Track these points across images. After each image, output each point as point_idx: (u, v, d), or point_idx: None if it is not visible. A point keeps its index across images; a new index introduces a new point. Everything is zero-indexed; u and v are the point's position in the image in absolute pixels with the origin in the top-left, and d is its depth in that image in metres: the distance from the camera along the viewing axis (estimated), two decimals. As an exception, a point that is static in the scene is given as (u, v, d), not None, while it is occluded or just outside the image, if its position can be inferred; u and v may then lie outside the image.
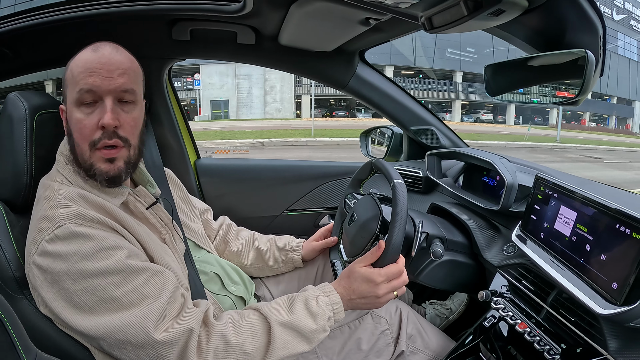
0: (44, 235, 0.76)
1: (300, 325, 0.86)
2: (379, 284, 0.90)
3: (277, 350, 0.83)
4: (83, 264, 0.74)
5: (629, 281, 0.69)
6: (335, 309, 0.90)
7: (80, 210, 0.78)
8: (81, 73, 0.80)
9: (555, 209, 0.92)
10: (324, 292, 0.92)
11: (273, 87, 26.37)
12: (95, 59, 0.81)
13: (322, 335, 0.89)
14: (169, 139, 1.66)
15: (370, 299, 0.91)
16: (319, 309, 0.88)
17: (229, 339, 0.80)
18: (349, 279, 0.93)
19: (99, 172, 0.83)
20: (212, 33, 1.38)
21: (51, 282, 0.75)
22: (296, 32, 1.29)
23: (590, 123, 36.11)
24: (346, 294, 0.92)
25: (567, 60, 0.79)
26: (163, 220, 0.97)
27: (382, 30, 1.22)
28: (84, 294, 0.74)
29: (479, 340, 1.01)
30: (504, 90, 1.04)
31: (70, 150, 0.85)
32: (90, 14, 1.14)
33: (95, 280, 0.74)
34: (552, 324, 0.87)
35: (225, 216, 1.41)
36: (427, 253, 1.10)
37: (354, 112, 29.82)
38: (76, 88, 0.80)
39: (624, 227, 0.72)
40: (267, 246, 1.29)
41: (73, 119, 0.82)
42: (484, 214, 1.26)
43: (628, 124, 36.18)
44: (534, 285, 0.96)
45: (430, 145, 1.68)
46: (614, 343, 0.73)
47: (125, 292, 0.76)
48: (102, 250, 0.76)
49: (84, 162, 0.83)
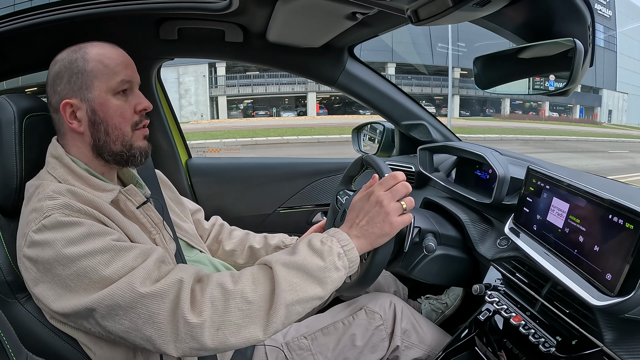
0: (32, 226, 0.75)
1: (305, 263, 0.78)
2: (380, 195, 0.85)
3: (284, 293, 0.74)
4: (71, 248, 0.73)
5: (622, 272, 0.68)
6: (344, 245, 0.82)
7: (68, 202, 0.78)
8: (119, 65, 0.88)
9: (548, 201, 0.91)
10: (327, 234, 0.85)
11: (187, 90, 25.75)
12: (122, 54, 0.90)
13: (334, 274, 0.79)
14: (159, 140, 1.64)
15: (379, 217, 0.84)
16: (324, 247, 0.81)
17: (226, 287, 0.75)
18: (350, 212, 0.88)
19: (139, 149, 0.92)
20: (200, 32, 1.37)
21: (44, 271, 0.74)
22: (283, 29, 1.27)
23: (551, 113, 34.69)
24: (352, 225, 0.86)
25: (559, 52, 0.78)
26: (153, 221, 0.96)
27: (369, 25, 1.21)
28: (76, 278, 0.73)
29: (474, 334, 1.01)
30: (495, 83, 1.03)
31: (98, 140, 0.88)
32: (77, 15, 1.12)
33: (85, 261, 0.73)
34: (547, 317, 0.87)
35: (217, 216, 1.39)
36: (420, 248, 1.10)
37: (278, 112, 28.64)
38: (116, 78, 0.87)
39: (617, 218, 0.72)
40: (260, 244, 1.28)
41: (112, 105, 0.87)
42: (477, 208, 1.25)
43: (595, 113, 35.28)
44: (528, 278, 0.96)
45: (422, 139, 1.67)
46: (609, 334, 0.73)
47: (115, 269, 0.74)
48: (90, 235, 0.75)
49: (125, 144, 0.90)
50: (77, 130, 0.87)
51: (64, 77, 0.86)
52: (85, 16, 1.12)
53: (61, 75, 0.86)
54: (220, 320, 0.72)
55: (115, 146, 0.89)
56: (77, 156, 0.88)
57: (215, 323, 0.72)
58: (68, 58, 0.86)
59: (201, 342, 0.72)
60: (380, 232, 0.84)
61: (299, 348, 1.08)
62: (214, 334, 0.72)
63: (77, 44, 0.88)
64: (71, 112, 0.86)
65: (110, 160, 0.90)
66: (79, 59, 0.86)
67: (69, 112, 0.86)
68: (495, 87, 1.04)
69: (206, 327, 0.72)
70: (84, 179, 0.86)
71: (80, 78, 0.85)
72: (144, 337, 0.73)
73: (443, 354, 1.03)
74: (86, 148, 0.88)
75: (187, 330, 0.71)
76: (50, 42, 1.18)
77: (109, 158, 0.89)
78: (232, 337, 0.73)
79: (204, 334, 0.71)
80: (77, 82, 0.85)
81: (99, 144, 0.88)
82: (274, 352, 1.08)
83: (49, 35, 1.17)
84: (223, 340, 0.73)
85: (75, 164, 0.87)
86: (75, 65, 0.85)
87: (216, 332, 0.72)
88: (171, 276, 0.75)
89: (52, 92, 0.87)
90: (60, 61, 0.87)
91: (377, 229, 0.84)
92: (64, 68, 0.86)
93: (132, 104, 0.90)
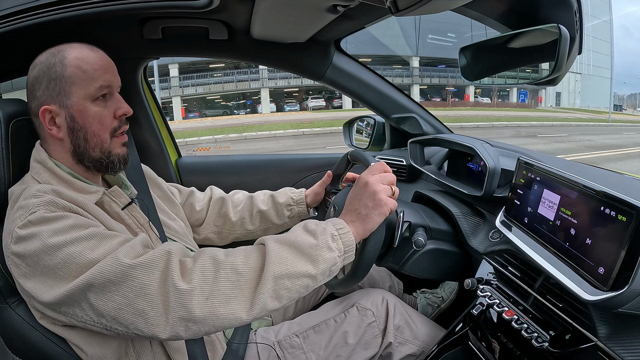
0: (17, 222, 0.75)
1: (297, 239, 0.79)
2: (369, 179, 0.87)
3: (273, 265, 0.75)
4: (56, 237, 0.73)
5: (615, 265, 0.67)
6: (339, 228, 0.82)
7: (52, 199, 0.77)
8: (97, 70, 0.86)
9: (539, 193, 0.89)
10: (323, 220, 0.87)
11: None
12: (101, 58, 0.88)
13: (326, 253, 0.79)
14: (148, 140, 1.62)
15: (371, 199, 0.85)
16: (318, 227, 0.81)
17: (218, 258, 0.75)
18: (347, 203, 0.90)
19: (118, 156, 0.91)
20: (184, 30, 1.35)
21: (32, 265, 0.74)
22: (266, 24, 1.25)
23: (482, 98, 30.73)
24: (346, 212, 0.88)
25: (548, 41, 0.76)
26: (139, 221, 0.95)
27: (353, 18, 1.19)
28: (64, 266, 0.72)
29: (467, 329, 1.00)
30: (484, 74, 1.02)
31: (78, 147, 0.87)
32: (57, 19, 1.09)
33: (70, 247, 0.72)
34: (540, 311, 0.86)
35: (212, 186, 1.36)
36: (411, 243, 1.08)
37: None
38: (94, 84, 0.85)
39: (609, 210, 0.70)
40: (267, 205, 1.27)
41: (90, 112, 0.86)
42: (468, 201, 1.24)
43: (540, 96, 32.35)
44: (521, 272, 0.94)
45: (413, 132, 1.65)
46: (603, 329, 0.71)
47: (102, 252, 0.73)
48: (74, 226, 0.75)
49: (104, 151, 0.88)
50: (57, 136, 0.86)
51: (42, 82, 0.84)
52: (67, 19, 1.09)
53: (40, 80, 0.85)
54: (209, 289, 0.72)
55: (94, 153, 0.88)
56: (60, 160, 0.87)
57: (204, 291, 0.72)
58: (46, 62, 0.85)
59: (190, 310, 0.71)
60: (374, 213, 0.86)
61: (291, 346, 1.07)
62: (202, 302, 0.71)
63: (56, 46, 0.87)
64: (50, 118, 0.85)
65: (90, 166, 0.89)
66: (57, 64, 0.84)
67: (48, 118, 0.85)
68: (484, 78, 1.03)
69: (195, 294, 0.71)
70: (68, 182, 0.85)
71: (58, 84, 0.84)
72: (136, 311, 0.71)
73: (437, 349, 1.02)
74: (66, 154, 0.87)
75: (177, 297, 0.71)
76: (30, 47, 1.15)
77: (88, 164, 0.88)
78: (221, 308, 0.72)
79: (193, 301, 0.71)
80: (56, 88, 0.84)
81: (79, 151, 0.87)
82: (266, 351, 1.07)
83: (29, 40, 1.14)
84: (212, 310, 0.72)
85: (59, 167, 0.86)
86: (54, 70, 0.84)
87: (205, 301, 0.71)
88: (159, 249, 0.75)
89: (32, 97, 0.86)
90: (38, 65, 0.86)
91: (371, 210, 0.86)
92: (42, 73, 0.85)
93: (112, 110, 0.89)
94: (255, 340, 1.09)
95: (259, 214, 1.26)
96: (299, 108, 27.51)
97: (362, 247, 0.95)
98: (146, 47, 1.39)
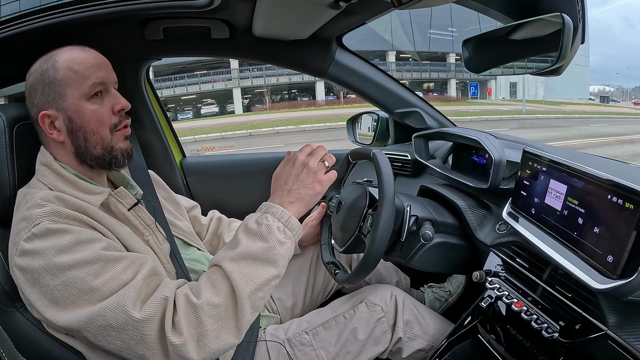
0: (22, 235, 0.76)
1: (248, 250, 0.81)
2: (304, 159, 0.93)
3: (242, 286, 0.78)
4: (60, 257, 0.74)
5: (624, 253, 0.66)
6: (281, 218, 0.85)
7: (56, 208, 0.78)
8: (88, 69, 0.86)
9: (545, 183, 0.89)
10: (260, 210, 0.88)
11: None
12: (93, 56, 0.88)
13: (281, 249, 0.83)
14: (152, 141, 1.63)
15: (309, 178, 0.91)
16: (260, 227, 0.83)
17: (193, 301, 0.77)
18: (276, 181, 0.94)
19: (121, 150, 0.90)
20: (185, 30, 1.36)
21: (32, 281, 0.75)
22: (268, 22, 1.26)
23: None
24: (283, 193, 0.90)
25: (551, 32, 0.76)
26: (145, 222, 0.96)
27: (355, 13, 1.18)
28: (64, 288, 0.74)
29: (476, 322, 1.00)
30: (488, 67, 1.01)
31: (79, 147, 0.87)
32: (57, 22, 1.10)
33: (73, 271, 0.74)
34: (549, 301, 0.85)
35: (215, 210, 1.39)
36: (418, 237, 1.09)
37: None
38: (87, 82, 0.85)
39: (616, 198, 0.70)
40: None
41: (87, 111, 0.86)
42: (474, 194, 1.23)
43: (489, 88, 30.78)
44: (529, 263, 0.94)
45: (417, 127, 1.65)
46: (613, 318, 0.71)
47: (104, 281, 0.75)
48: (78, 243, 0.76)
49: (105, 147, 0.88)
50: (58, 140, 0.87)
51: (37, 89, 0.86)
52: (67, 22, 1.10)
53: (35, 87, 0.86)
54: (198, 333, 0.76)
55: (96, 150, 0.88)
56: (65, 162, 0.88)
57: (194, 337, 0.75)
58: (40, 69, 0.86)
59: (189, 357, 0.75)
60: (312, 192, 0.91)
61: (301, 344, 1.07)
62: (196, 347, 0.75)
63: (49, 52, 0.88)
64: (50, 122, 0.86)
65: (94, 165, 0.89)
66: (50, 69, 0.85)
67: (47, 123, 0.86)
68: (488, 70, 1.02)
69: (189, 344, 0.74)
70: (73, 183, 0.86)
71: (52, 88, 0.85)
72: (137, 355, 0.76)
73: (446, 343, 1.01)
74: (69, 156, 0.88)
75: (173, 349, 0.74)
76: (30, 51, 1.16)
77: (91, 163, 0.89)
78: (214, 344, 0.76)
79: (189, 351, 0.75)
80: (51, 92, 0.85)
81: (80, 151, 0.87)
82: (275, 349, 1.07)
83: (29, 45, 1.15)
84: (206, 349, 0.76)
85: (65, 169, 0.87)
86: (47, 75, 0.85)
87: (198, 345, 0.75)
88: (158, 296, 0.77)
89: (30, 104, 0.88)
90: (33, 73, 0.87)
91: (309, 189, 0.91)
92: (37, 80, 0.86)
93: (109, 106, 0.89)
94: (265, 338, 1.09)
95: None
96: (192, 115, 26.58)
97: (370, 242, 0.95)
98: (148, 48, 1.40)
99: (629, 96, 40.26)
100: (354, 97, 18.23)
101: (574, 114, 23.44)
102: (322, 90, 27.69)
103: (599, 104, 34.49)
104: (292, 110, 24.95)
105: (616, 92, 37.40)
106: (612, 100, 37.43)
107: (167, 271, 0.94)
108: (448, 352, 1.00)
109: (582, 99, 32.81)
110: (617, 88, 37.85)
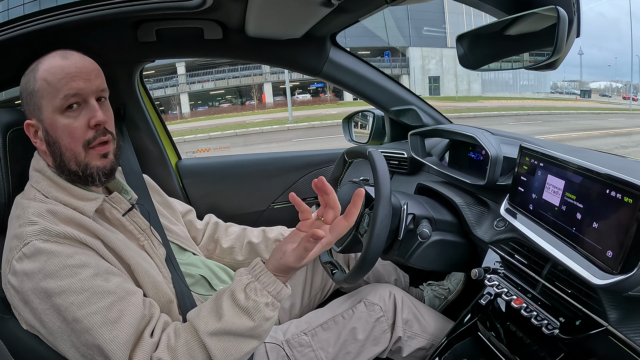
0: (14, 254, 0.76)
1: (233, 328, 0.78)
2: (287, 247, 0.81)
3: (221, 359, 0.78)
4: (47, 282, 0.74)
5: (624, 248, 0.66)
6: (271, 291, 0.79)
7: (46, 226, 0.77)
8: (62, 80, 0.81)
9: (542, 179, 0.88)
10: (254, 276, 0.80)
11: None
12: (70, 65, 0.83)
13: (266, 325, 0.80)
14: (147, 144, 1.61)
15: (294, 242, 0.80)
16: (248, 302, 0.78)
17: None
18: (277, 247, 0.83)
19: (96, 169, 0.86)
20: (178, 31, 1.34)
21: (24, 302, 0.76)
22: (261, 22, 1.25)
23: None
24: (277, 264, 0.80)
25: (546, 26, 0.75)
26: (140, 227, 0.96)
27: (347, 11, 1.18)
28: (51, 313, 0.74)
29: (476, 319, 0.99)
30: (482, 63, 1.00)
31: (55, 160, 0.85)
32: (49, 26, 1.08)
33: (58, 299, 0.74)
34: (549, 298, 0.85)
35: (211, 214, 1.38)
36: (416, 235, 1.08)
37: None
38: (59, 95, 0.81)
39: (615, 192, 0.69)
40: (259, 239, 1.27)
41: (59, 125, 0.83)
42: (471, 190, 1.23)
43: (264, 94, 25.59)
44: (528, 259, 0.94)
45: (413, 124, 1.64)
46: (613, 313, 0.70)
47: (87, 314, 0.74)
48: (66, 267, 0.75)
49: (79, 164, 0.84)
50: (42, 149, 0.86)
51: (23, 97, 0.86)
52: (59, 26, 1.09)
53: (22, 95, 0.87)
54: None
55: (71, 166, 0.85)
56: (57, 169, 0.87)
57: None
58: (25, 78, 0.86)
59: None
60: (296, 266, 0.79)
61: (300, 345, 1.06)
62: None
63: (39, 59, 0.86)
64: (34, 131, 0.86)
65: (71, 179, 0.87)
66: (31, 79, 0.84)
67: (32, 132, 0.86)
68: (482, 65, 1.01)
69: None
70: (67, 189, 0.85)
71: (32, 99, 0.84)
72: None
73: (446, 341, 1.01)
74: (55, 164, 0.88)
75: None
76: (22, 57, 1.15)
77: (68, 177, 0.86)
78: None
79: None
80: (31, 102, 0.85)
81: (57, 163, 0.86)
82: (274, 350, 1.06)
83: (21, 50, 1.14)
84: None
85: (58, 176, 0.86)
86: (29, 85, 0.84)
87: None
88: (142, 351, 0.76)
89: (23, 112, 0.88)
90: (22, 80, 0.87)
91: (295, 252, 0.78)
92: (23, 89, 0.86)
93: (84, 120, 0.84)
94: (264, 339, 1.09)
95: (249, 245, 1.26)
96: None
97: (367, 241, 0.94)
98: (141, 50, 1.39)
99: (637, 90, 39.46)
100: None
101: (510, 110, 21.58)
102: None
103: (560, 98, 32.18)
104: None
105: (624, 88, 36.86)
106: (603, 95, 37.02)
107: (163, 276, 0.94)
108: (448, 350, 1.00)
109: (538, 93, 31.17)
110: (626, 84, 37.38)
